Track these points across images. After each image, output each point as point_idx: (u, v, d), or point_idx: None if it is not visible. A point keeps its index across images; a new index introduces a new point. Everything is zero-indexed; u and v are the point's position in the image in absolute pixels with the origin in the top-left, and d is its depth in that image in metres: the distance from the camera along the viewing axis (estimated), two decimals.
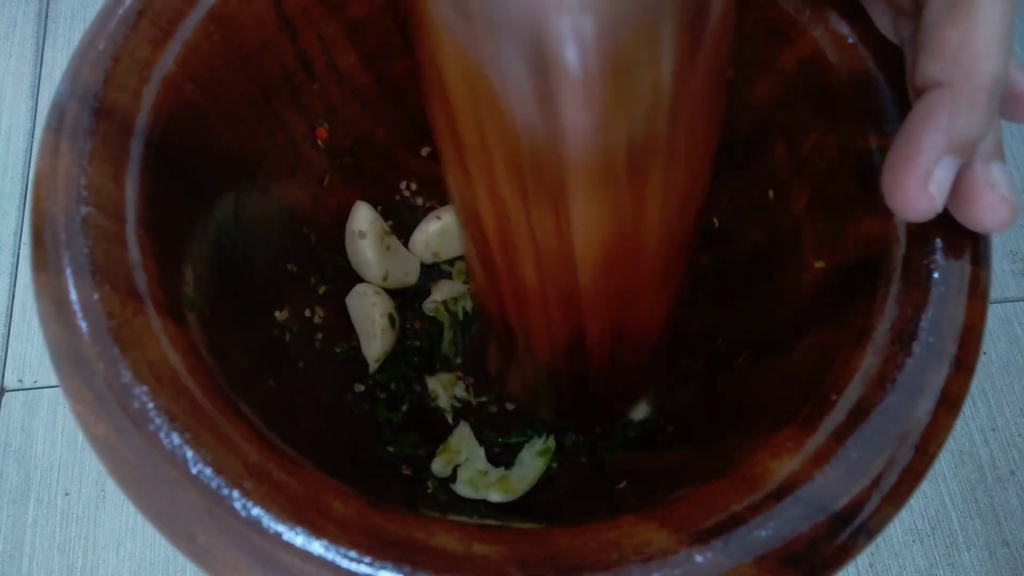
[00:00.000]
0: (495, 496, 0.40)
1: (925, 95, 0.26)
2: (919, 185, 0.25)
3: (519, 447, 0.43)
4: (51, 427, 0.79)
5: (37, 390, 0.81)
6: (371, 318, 0.44)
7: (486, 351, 0.43)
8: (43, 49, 0.98)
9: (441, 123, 0.25)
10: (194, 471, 0.24)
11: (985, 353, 0.80)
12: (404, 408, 0.44)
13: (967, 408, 0.79)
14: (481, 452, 0.43)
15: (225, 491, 0.24)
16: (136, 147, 0.29)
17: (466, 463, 0.42)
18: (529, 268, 0.29)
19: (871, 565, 0.74)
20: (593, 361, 0.35)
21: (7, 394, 0.81)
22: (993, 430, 0.78)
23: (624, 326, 0.32)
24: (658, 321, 0.34)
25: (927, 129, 0.25)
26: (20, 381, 0.81)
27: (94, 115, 0.29)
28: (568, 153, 0.23)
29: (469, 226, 0.29)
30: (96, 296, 0.26)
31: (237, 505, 0.24)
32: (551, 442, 0.42)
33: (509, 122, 0.22)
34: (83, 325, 0.26)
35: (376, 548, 0.23)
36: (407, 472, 0.41)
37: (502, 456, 0.43)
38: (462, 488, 0.41)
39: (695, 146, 0.25)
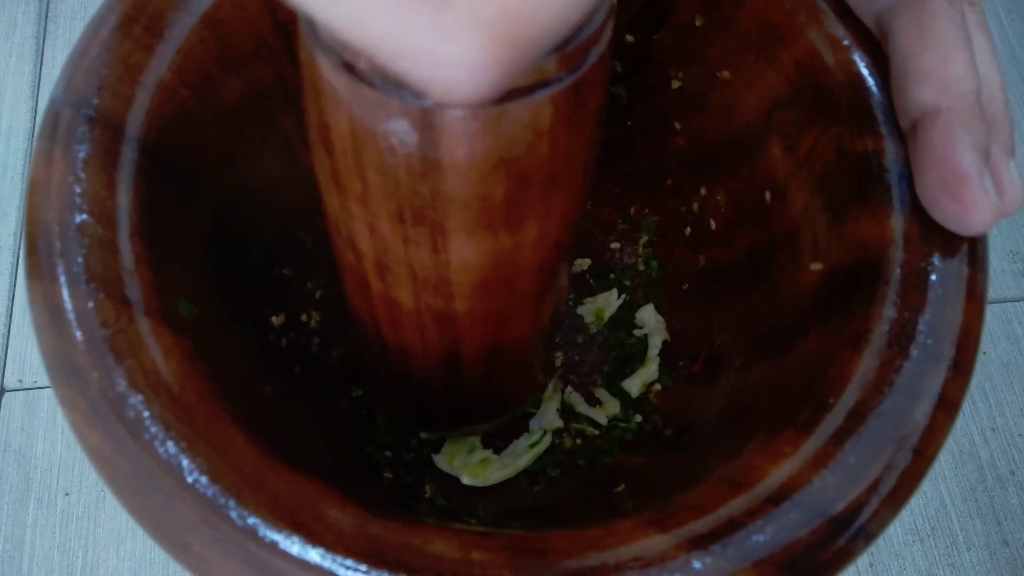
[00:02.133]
0: (465, 478, 0.40)
1: (929, 121, 0.27)
2: (982, 196, 0.26)
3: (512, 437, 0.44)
4: (51, 427, 0.79)
5: (37, 390, 0.81)
6: None
7: (361, 357, 0.43)
8: (43, 49, 0.98)
9: (322, 164, 0.25)
10: (190, 480, 0.24)
11: (985, 353, 0.80)
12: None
13: (967, 408, 0.79)
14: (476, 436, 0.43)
15: (221, 500, 0.24)
16: (130, 154, 0.29)
17: (458, 437, 0.43)
18: (405, 293, 0.29)
19: (871, 565, 0.74)
20: (469, 373, 0.35)
21: (7, 394, 0.81)
22: (993, 430, 0.78)
23: (500, 341, 0.33)
24: (534, 334, 0.35)
25: (957, 149, 0.26)
26: (20, 381, 0.81)
27: (88, 122, 0.29)
28: (448, 204, 0.23)
29: (344, 250, 0.30)
30: (91, 304, 0.26)
31: (233, 514, 0.23)
32: (547, 439, 0.42)
33: (393, 176, 0.23)
34: (77, 334, 0.26)
35: (373, 556, 0.23)
36: (405, 477, 0.41)
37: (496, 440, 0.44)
38: (440, 459, 0.42)
39: (573, 187, 0.26)
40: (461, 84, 0.16)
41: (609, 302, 0.47)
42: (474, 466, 0.41)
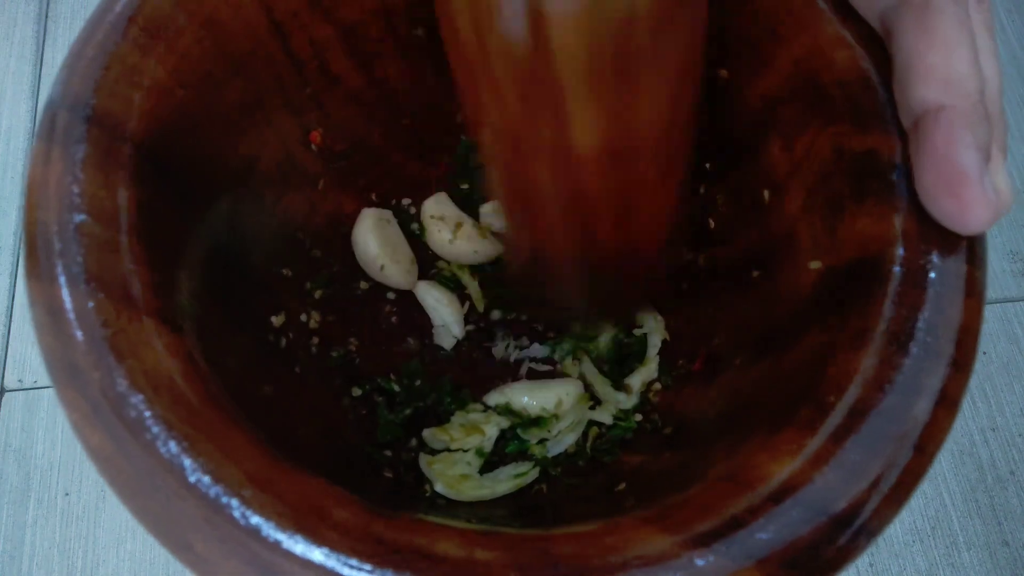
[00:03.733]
0: (440, 486, 0.40)
1: (932, 119, 0.27)
2: (981, 195, 0.26)
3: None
4: (51, 427, 0.79)
5: (37, 390, 0.81)
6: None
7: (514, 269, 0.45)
8: (43, 49, 0.98)
9: (458, 61, 0.27)
10: (192, 480, 0.24)
11: (985, 353, 0.80)
12: (407, 411, 0.44)
13: (967, 408, 0.79)
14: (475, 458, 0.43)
15: (224, 499, 0.24)
16: (128, 154, 0.29)
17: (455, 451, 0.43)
18: (541, 169, 0.30)
19: (871, 565, 0.74)
20: (606, 251, 0.36)
21: (7, 394, 0.81)
22: (993, 430, 0.78)
23: (630, 217, 0.33)
24: (662, 213, 0.35)
25: (959, 148, 0.26)
26: (20, 381, 0.81)
27: (85, 123, 0.29)
28: (559, 63, 0.25)
29: (490, 145, 0.31)
30: (91, 304, 0.26)
31: (236, 513, 0.23)
32: (534, 472, 0.42)
33: (508, 43, 0.24)
34: (78, 334, 0.26)
35: (377, 555, 0.23)
36: (405, 476, 0.41)
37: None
38: (423, 460, 0.42)
39: (678, 50, 0.27)
40: None
41: None
42: (450, 476, 0.41)
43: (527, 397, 0.44)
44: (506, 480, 0.41)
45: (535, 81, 0.25)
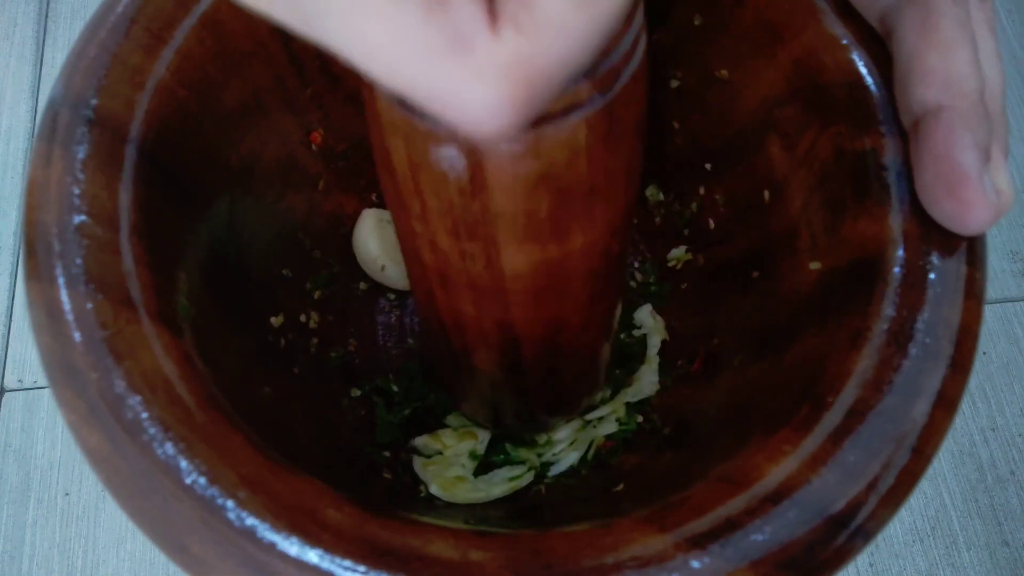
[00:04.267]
0: (434, 487, 0.40)
1: (932, 119, 0.27)
2: (981, 196, 0.26)
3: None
4: (51, 427, 0.79)
5: (37, 390, 0.81)
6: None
7: (432, 366, 0.45)
8: (43, 49, 0.99)
9: (387, 186, 0.27)
10: (188, 481, 0.24)
11: (985, 353, 0.80)
12: (406, 412, 0.44)
13: (967, 408, 0.79)
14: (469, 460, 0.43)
15: (219, 501, 0.24)
16: (129, 155, 0.29)
17: (449, 455, 0.43)
18: (466, 302, 0.30)
19: (871, 565, 0.74)
20: (532, 375, 0.36)
21: (7, 394, 0.81)
22: (993, 430, 0.78)
23: (558, 345, 0.34)
24: (592, 337, 0.36)
25: (958, 148, 0.26)
26: (20, 381, 0.81)
27: (87, 123, 0.29)
28: (497, 219, 0.25)
29: (412, 264, 0.31)
30: (89, 306, 0.26)
31: (231, 515, 0.23)
32: (528, 476, 0.42)
33: (446, 196, 0.24)
34: (76, 335, 0.26)
35: (371, 556, 0.23)
36: (403, 476, 0.41)
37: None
38: (417, 462, 0.42)
39: (615, 196, 0.27)
40: (485, 123, 0.17)
41: None
42: (445, 479, 0.41)
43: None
44: (500, 483, 0.41)
45: (467, 219, 0.25)
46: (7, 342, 0.83)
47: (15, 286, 0.85)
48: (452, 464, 0.42)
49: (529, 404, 0.40)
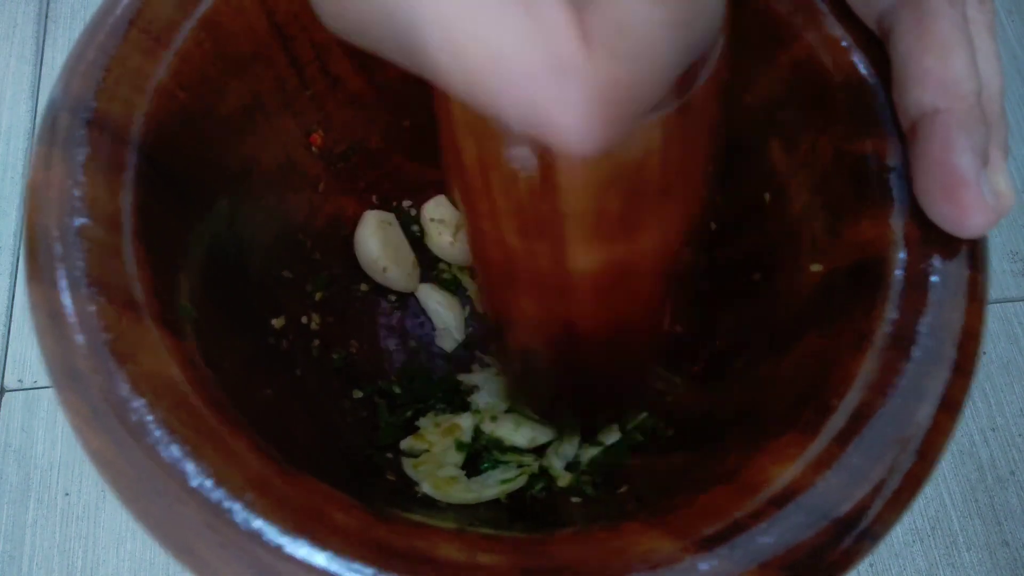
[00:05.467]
0: (426, 486, 0.40)
1: (929, 122, 0.27)
2: (978, 199, 0.26)
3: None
4: (51, 427, 0.79)
5: (37, 390, 0.81)
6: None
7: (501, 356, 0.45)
8: (43, 49, 0.98)
9: (457, 185, 0.27)
10: (194, 484, 0.24)
11: (985, 353, 0.80)
12: (407, 414, 0.44)
13: (967, 408, 0.79)
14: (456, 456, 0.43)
15: (226, 504, 0.24)
16: (129, 157, 0.29)
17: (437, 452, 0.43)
18: (532, 301, 0.31)
19: (871, 565, 0.74)
20: (593, 372, 0.36)
21: (7, 394, 0.80)
22: (993, 430, 0.78)
23: (619, 347, 0.34)
24: (652, 343, 0.36)
25: (955, 151, 0.26)
26: (20, 381, 0.81)
27: (86, 126, 0.29)
28: (563, 205, 0.25)
29: (479, 262, 0.32)
30: (92, 308, 0.26)
31: (238, 518, 0.23)
32: (522, 479, 0.42)
33: (516, 196, 0.25)
34: (79, 338, 0.25)
35: (380, 559, 0.23)
36: (406, 478, 0.41)
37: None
38: (407, 463, 0.42)
39: (687, 197, 0.27)
40: (577, 143, 0.18)
41: None
42: (437, 478, 0.41)
43: (510, 431, 0.44)
44: (494, 485, 0.41)
45: (536, 219, 0.25)
46: (7, 342, 0.83)
47: (15, 286, 0.85)
48: (443, 463, 0.42)
49: (583, 402, 0.41)
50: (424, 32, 0.17)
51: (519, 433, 0.44)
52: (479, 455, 0.43)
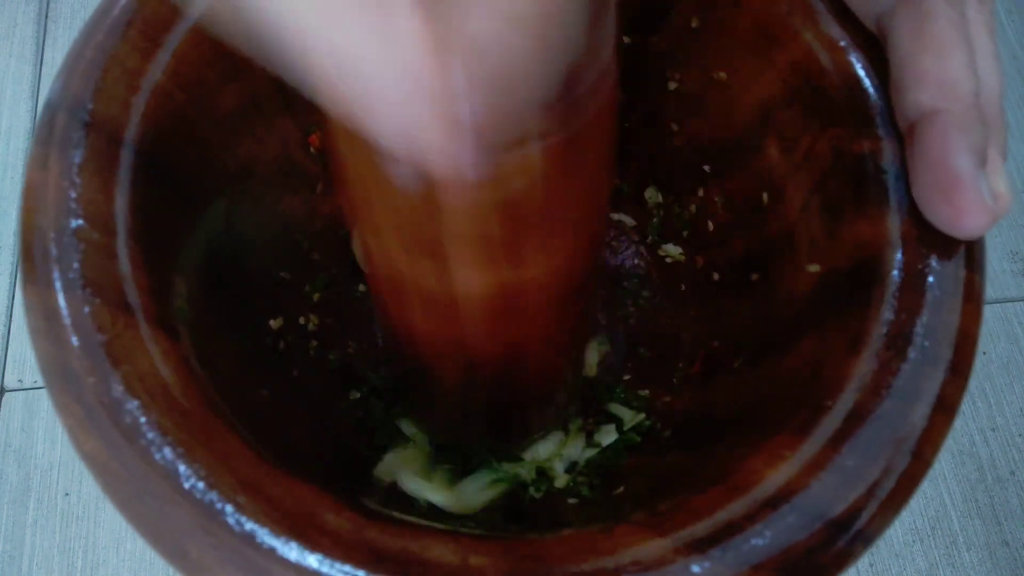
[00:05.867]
0: (405, 477, 0.40)
1: (927, 123, 0.27)
2: (976, 200, 0.26)
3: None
4: (51, 427, 0.79)
5: (37, 390, 0.81)
6: None
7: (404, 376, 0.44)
8: (43, 49, 0.98)
9: (343, 196, 0.27)
10: (186, 486, 0.24)
11: (985, 353, 0.80)
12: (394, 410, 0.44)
13: (967, 408, 0.79)
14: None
15: (218, 506, 0.24)
16: (126, 158, 0.29)
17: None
18: (419, 317, 0.30)
19: (871, 565, 0.74)
20: (488, 398, 0.36)
21: (7, 394, 0.81)
22: (993, 430, 0.78)
23: (516, 370, 0.33)
24: (552, 365, 0.35)
25: (953, 152, 0.26)
26: (20, 381, 0.81)
27: (83, 127, 0.29)
28: (450, 240, 0.24)
29: (370, 277, 0.31)
30: (87, 310, 0.26)
31: (230, 520, 0.23)
32: (501, 487, 0.42)
33: (398, 213, 0.24)
34: (73, 339, 0.25)
35: (371, 562, 0.23)
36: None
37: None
38: (385, 459, 0.42)
39: (576, 230, 0.26)
40: (446, 169, 0.18)
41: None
42: (414, 468, 0.41)
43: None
44: (478, 492, 0.41)
45: (420, 237, 0.25)
46: (7, 342, 0.83)
47: (15, 286, 0.85)
48: (416, 456, 0.42)
49: (483, 427, 0.40)
50: (284, 35, 0.16)
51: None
52: (475, 462, 0.43)
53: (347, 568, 0.23)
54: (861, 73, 0.31)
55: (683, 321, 0.44)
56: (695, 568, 0.23)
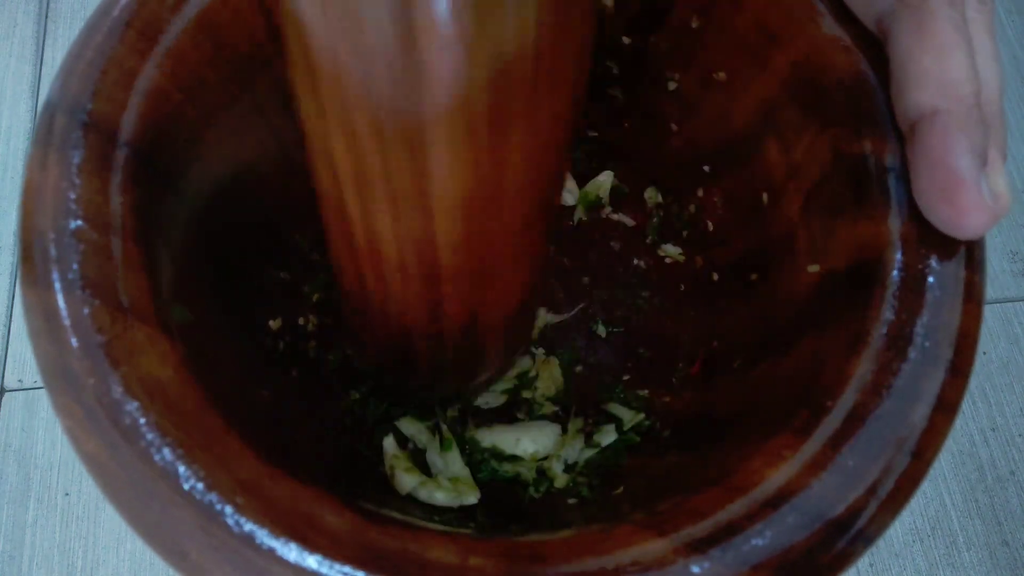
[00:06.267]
0: (443, 493, 0.40)
1: (927, 123, 0.27)
2: (977, 200, 0.26)
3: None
4: (51, 427, 0.79)
5: (37, 390, 0.81)
6: None
7: (347, 323, 0.41)
8: (43, 49, 0.98)
9: (301, 76, 0.24)
10: (186, 487, 0.24)
11: (985, 353, 0.80)
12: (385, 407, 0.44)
13: (967, 408, 0.79)
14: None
15: (218, 507, 0.24)
16: (124, 158, 0.29)
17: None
18: (384, 215, 0.27)
19: (871, 565, 0.74)
20: (449, 316, 0.33)
21: (7, 394, 0.81)
22: (993, 430, 0.78)
23: (482, 285, 0.31)
24: (516, 285, 0.33)
25: (954, 153, 0.26)
26: (20, 381, 0.81)
27: (82, 127, 0.29)
28: (427, 103, 0.22)
29: (321, 165, 0.27)
30: (86, 311, 0.26)
31: (230, 521, 0.23)
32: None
33: (369, 67, 0.21)
34: (73, 340, 0.25)
35: (370, 562, 0.23)
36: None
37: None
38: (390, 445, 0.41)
39: (558, 96, 0.24)
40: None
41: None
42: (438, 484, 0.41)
43: (495, 440, 0.44)
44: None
45: (395, 118, 0.23)
46: (7, 342, 0.84)
47: (15, 286, 0.85)
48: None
49: (443, 358, 0.37)
50: None
51: (519, 445, 0.43)
52: (477, 464, 0.43)
53: (346, 569, 0.23)
54: (861, 73, 0.31)
55: (683, 321, 0.44)
56: (695, 568, 0.23)
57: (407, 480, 0.38)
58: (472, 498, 0.39)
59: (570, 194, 0.48)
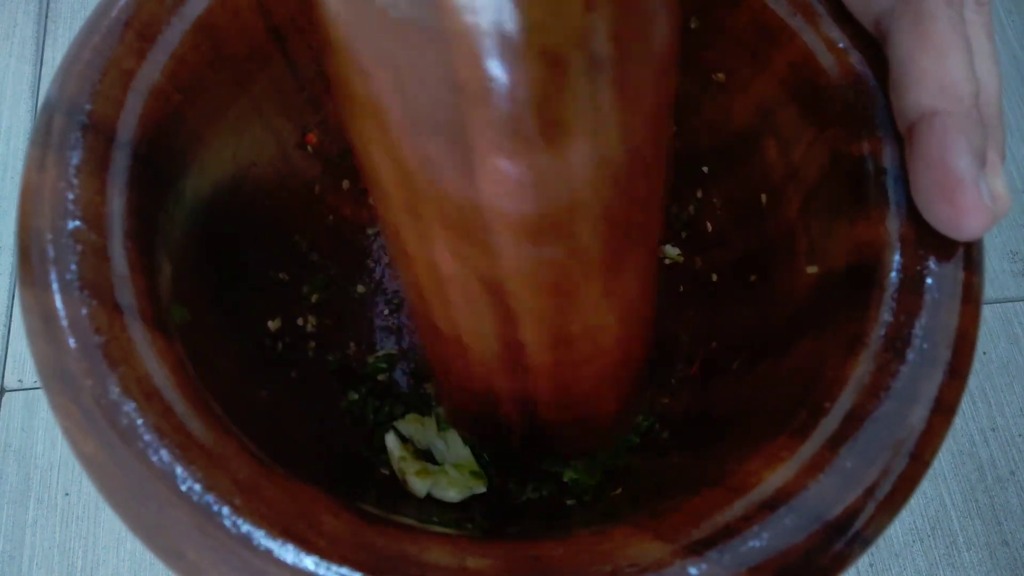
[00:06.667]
0: (455, 490, 0.40)
1: (926, 124, 0.27)
2: (976, 201, 0.26)
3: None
4: (51, 427, 0.80)
5: (37, 390, 0.81)
6: None
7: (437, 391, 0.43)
8: (43, 49, 0.99)
9: (378, 193, 0.25)
10: (183, 488, 0.24)
11: (985, 353, 0.80)
12: (387, 409, 0.44)
13: (967, 408, 0.79)
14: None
15: (215, 508, 0.24)
16: (123, 159, 0.29)
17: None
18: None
19: (871, 565, 0.74)
20: (533, 380, 0.33)
21: (7, 394, 0.81)
22: (993, 430, 0.78)
23: (571, 396, 0.32)
24: (608, 391, 0.34)
25: (953, 153, 0.26)
26: (20, 381, 0.81)
27: (80, 128, 0.29)
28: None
29: (411, 291, 0.29)
30: (84, 312, 0.26)
31: (227, 522, 0.23)
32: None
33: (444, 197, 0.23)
34: (71, 341, 0.25)
35: (368, 564, 0.23)
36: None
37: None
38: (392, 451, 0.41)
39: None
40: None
41: None
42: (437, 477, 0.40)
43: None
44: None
45: (485, 292, 0.24)
46: (7, 342, 0.84)
47: (15, 286, 0.85)
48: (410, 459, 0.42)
49: (538, 427, 0.37)
50: None
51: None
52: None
53: (343, 570, 0.23)
54: (860, 74, 0.31)
55: (682, 322, 0.44)
56: (692, 570, 0.23)
57: (420, 485, 0.39)
58: (481, 487, 0.39)
59: None
